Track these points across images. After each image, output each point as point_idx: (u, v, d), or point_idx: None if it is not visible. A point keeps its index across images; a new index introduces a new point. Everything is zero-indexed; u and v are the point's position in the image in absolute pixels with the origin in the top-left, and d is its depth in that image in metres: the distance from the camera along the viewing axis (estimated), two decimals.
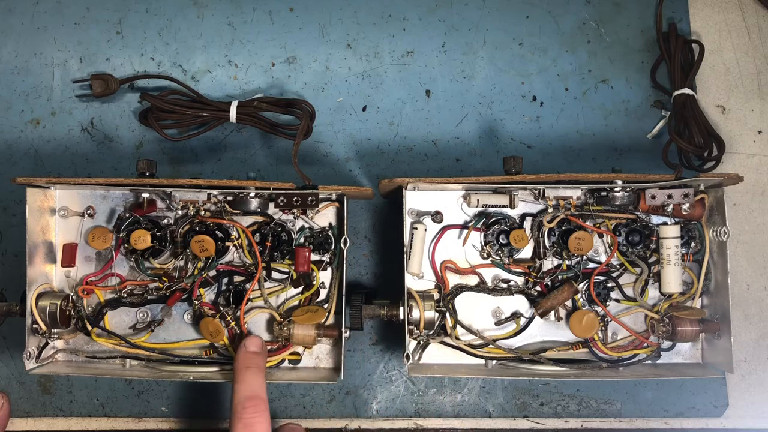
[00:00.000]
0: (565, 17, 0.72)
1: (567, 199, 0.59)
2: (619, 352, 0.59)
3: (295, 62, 0.71)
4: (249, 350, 0.55)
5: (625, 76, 0.71)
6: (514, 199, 0.60)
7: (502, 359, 0.59)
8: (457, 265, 0.61)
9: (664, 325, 0.58)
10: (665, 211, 0.58)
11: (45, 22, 0.72)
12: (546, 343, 0.61)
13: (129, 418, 0.66)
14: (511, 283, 0.61)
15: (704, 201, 0.59)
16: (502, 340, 0.60)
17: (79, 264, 0.61)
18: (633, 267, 0.60)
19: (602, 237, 0.60)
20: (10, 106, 0.70)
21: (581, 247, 0.58)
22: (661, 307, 0.60)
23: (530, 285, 0.60)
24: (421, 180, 0.57)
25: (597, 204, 0.59)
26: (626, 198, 0.58)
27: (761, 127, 0.71)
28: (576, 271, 0.59)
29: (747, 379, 0.67)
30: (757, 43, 0.72)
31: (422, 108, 0.70)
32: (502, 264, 0.60)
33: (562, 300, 0.59)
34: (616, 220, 0.60)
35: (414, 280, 0.60)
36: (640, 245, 0.60)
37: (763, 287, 0.68)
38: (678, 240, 0.58)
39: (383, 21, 0.72)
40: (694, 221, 0.60)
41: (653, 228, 0.60)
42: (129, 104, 0.70)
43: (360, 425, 0.66)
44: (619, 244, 0.60)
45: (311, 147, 0.69)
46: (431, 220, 0.61)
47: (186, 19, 0.72)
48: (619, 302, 0.61)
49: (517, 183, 0.57)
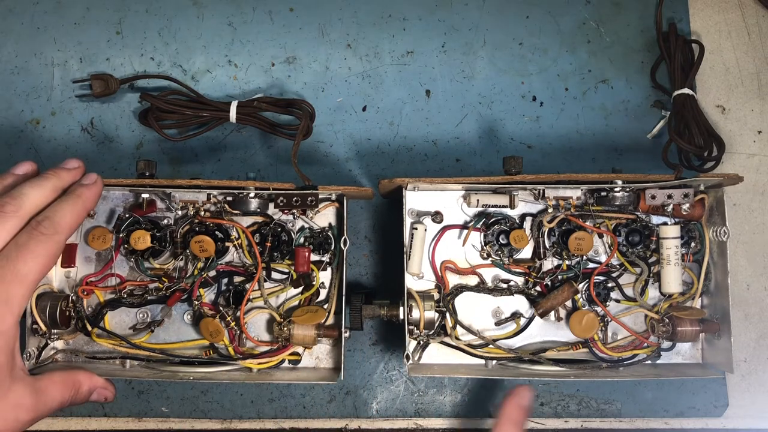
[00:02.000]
0: (565, 17, 0.72)
1: (567, 199, 0.59)
2: (619, 353, 0.59)
3: (295, 62, 0.71)
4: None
5: (625, 76, 0.71)
6: (514, 199, 0.60)
7: (502, 359, 0.59)
8: (457, 266, 0.61)
9: (664, 325, 0.58)
10: (665, 211, 0.58)
11: (45, 22, 0.72)
12: (546, 343, 0.61)
13: (129, 418, 0.66)
14: (511, 283, 0.61)
15: (704, 201, 0.59)
16: (502, 340, 0.60)
17: (79, 264, 0.61)
18: (633, 267, 0.60)
19: (602, 237, 0.60)
20: (10, 106, 0.70)
21: (581, 247, 0.58)
22: (661, 308, 0.60)
23: (530, 285, 0.60)
24: (420, 180, 0.57)
25: (597, 204, 0.59)
26: (626, 198, 0.57)
27: (761, 127, 0.71)
28: (576, 272, 0.59)
29: (747, 379, 0.67)
30: (757, 43, 0.72)
31: (422, 108, 0.70)
32: (502, 264, 0.60)
33: (562, 300, 0.59)
34: (616, 221, 0.60)
35: (414, 281, 0.60)
36: (640, 245, 0.60)
37: (763, 287, 0.68)
38: (678, 240, 0.58)
39: (383, 21, 0.72)
40: (694, 221, 0.60)
41: (653, 228, 0.60)
42: (129, 104, 0.70)
43: (360, 425, 0.66)
44: (619, 244, 0.60)
45: (311, 147, 0.69)
46: (431, 220, 0.61)
47: (186, 19, 0.72)
48: (619, 302, 0.61)
49: (517, 183, 0.57)
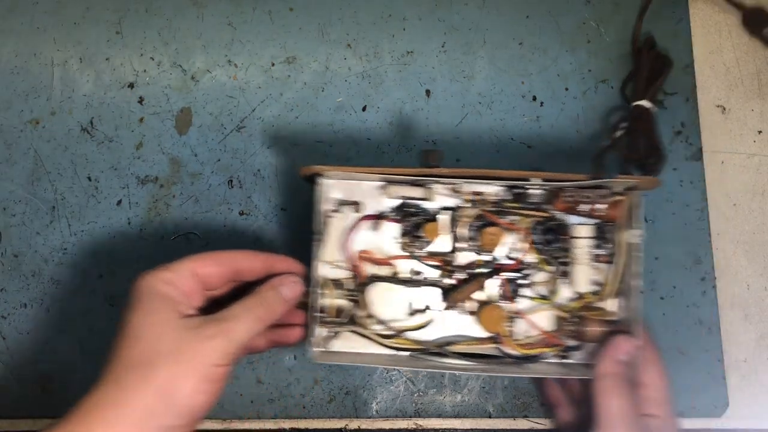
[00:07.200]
0: (565, 17, 0.72)
1: (484, 195, 0.59)
2: (527, 350, 0.59)
3: (294, 62, 0.71)
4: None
5: (625, 76, 0.71)
6: (431, 193, 0.60)
7: (411, 351, 0.59)
8: (374, 256, 0.61)
9: (572, 325, 0.59)
10: (581, 211, 0.58)
11: (45, 22, 0.72)
12: (458, 337, 0.61)
13: None
14: (426, 275, 0.61)
15: (622, 203, 0.58)
16: (413, 331, 0.60)
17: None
18: (548, 265, 0.60)
19: (519, 234, 0.60)
20: (9, 106, 0.70)
21: (493, 242, 0.58)
22: (572, 307, 0.60)
23: (444, 278, 0.60)
24: (337, 168, 0.56)
25: (514, 201, 0.59)
26: (543, 196, 0.58)
27: (761, 127, 0.71)
28: (491, 267, 0.60)
29: (747, 379, 0.67)
30: (757, 43, 0.72)
31: (422, 108, 0.70)
32: (418, 256, 0.60)
33: (470, 293, 0.59)
34: (533, 218, 0.60)
35: (329, 269, 0.60)
36: (554, 244, 0.60)
37: (763, 287, 0.68)
38: (589, 240, 0.58)
39: (383, 21, 0.72)
40: (611, 222, 0.59)
41: (569, 227, 0.59)
42: (129, 104, 0.70)
43: (360, 425, 0.66)
44: (534, 241, 0.60)
45: (311, 147, 0.69)
46: (350, 210, 0.61)
47: (186, 19, 0.72)
48: (533, 300, 0.61)
49: (434, 176, 0.57)
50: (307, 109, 0.70)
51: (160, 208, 0.68)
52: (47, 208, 0.68)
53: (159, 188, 0.69)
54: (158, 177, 0.69)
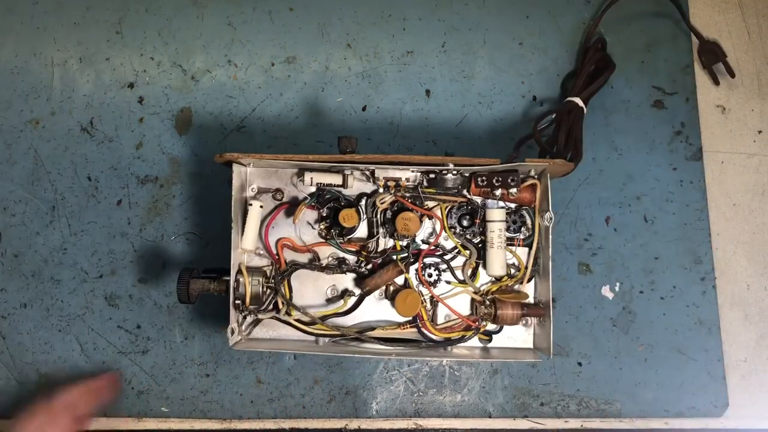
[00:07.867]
0: (565, 17, 0.72)
1: (398, 180, 0.60)
2: (447, 333, 0.60)
3: (294, 62, 0.71)
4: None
5: (625, 76, 0.71)
6: (347, 179, 0.60)
7: (332, 336, 0.60)
8: (294, 243, 0.61)
9: (486, 307, 0.59)
10: (494, 194, 0.59)
11: (45, 22, 0.72)
12: (379, 322, 0.61)
13: (129, 418, 0.66)
14: (344, 261, 0.61)
15: (535, 187, 0.59)
16: (333, 317, 0.60)
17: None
18: (465, 250, 0.60)
19: (436, 219, 0.61)
20: (9, 106, 0.70)
21: (408, 228, 0.58)
22: (487, 290, 0.60)
23: (362, 264, 0.60)
24: (251, 156, 0.56)
25: (429, 186, 0.59)
26: (457, 181, 0.58)
27: (761, 127, 0.71)
28: (408, 252, 0.60)
29: (747, 379, 0.67)
30: (757, 43, 0.72)
31: (422, 108, 0.70)
32: (337, 243, 0.60)
33: (386, 279, 0.59)
34: (449, 203, 0.60)
35: (249, 257, 0.60)
36: (470, 228, 0.60)
37: (763, 287, 0.68)
38: (502, 224, 0.59)
39: (383, 21, 0.72)
40: (525, 206, 0.60)
41: (485, 211, 0.60)
42: (129, 104, 0.70)
43: (360, 425, 0.66)
44: (450, 226, 0.60)
45: (311, 147, 0.69)
46: (271, 198, 0.61)
47: (185, 19, 0.72)
48: (450, 284, 0.61)
49: (347, 162, 0.57)
50: (307, 109, 0.70)
51: (160, 208, 0.68)
52: (47, 208, 0.68)
53: (159, 188, 0.69)
54: (158, 177, 0.69)
